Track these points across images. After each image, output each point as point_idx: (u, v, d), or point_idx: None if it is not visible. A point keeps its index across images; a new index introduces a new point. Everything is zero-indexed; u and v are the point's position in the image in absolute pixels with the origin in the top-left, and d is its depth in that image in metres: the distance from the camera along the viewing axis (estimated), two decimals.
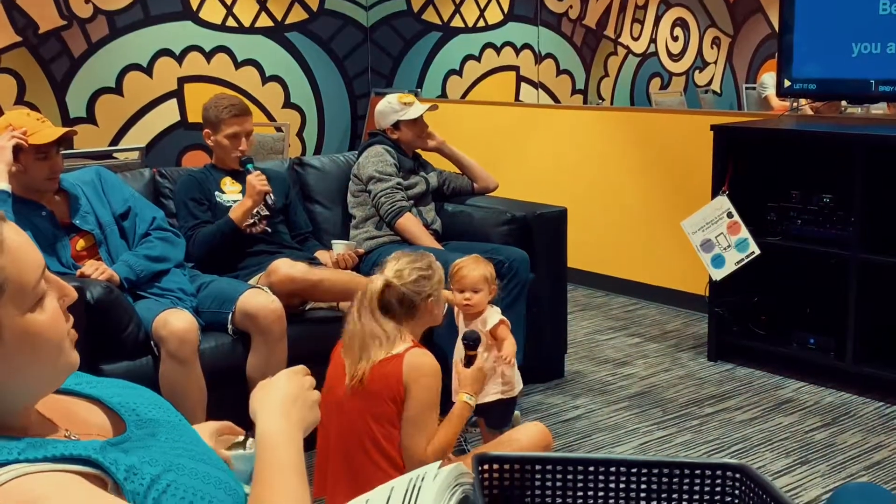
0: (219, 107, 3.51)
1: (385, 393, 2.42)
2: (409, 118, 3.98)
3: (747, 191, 4.05)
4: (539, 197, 4.29)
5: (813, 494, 2.92)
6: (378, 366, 2.43)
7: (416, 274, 2.53)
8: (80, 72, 6.18)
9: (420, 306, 2.52)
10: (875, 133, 3.83)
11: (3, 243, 1.07)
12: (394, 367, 2.42)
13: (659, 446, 3.30)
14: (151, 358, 2.93)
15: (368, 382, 2.43)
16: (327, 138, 7.43)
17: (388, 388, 2.41)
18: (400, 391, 2.41)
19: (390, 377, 2.41)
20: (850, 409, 3.63)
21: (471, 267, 2.97)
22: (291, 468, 1.22)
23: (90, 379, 1.35)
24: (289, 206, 3.70)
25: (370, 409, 2.44)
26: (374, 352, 2.45)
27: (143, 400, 1.34)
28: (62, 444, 1.09)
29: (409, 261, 2.56)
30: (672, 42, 9.46)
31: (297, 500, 1.18)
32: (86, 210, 3.11)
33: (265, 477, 1.20)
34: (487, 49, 8.20)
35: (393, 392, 2.41)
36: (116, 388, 1.35)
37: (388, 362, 2.42)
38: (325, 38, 7.25)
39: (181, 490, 1.15)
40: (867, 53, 3.92)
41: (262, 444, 1.25)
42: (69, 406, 1.26)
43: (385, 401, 2.42)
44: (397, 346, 2.45)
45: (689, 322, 4.79)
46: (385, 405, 2.42)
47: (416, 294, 2.50)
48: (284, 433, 1.25)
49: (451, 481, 1.36)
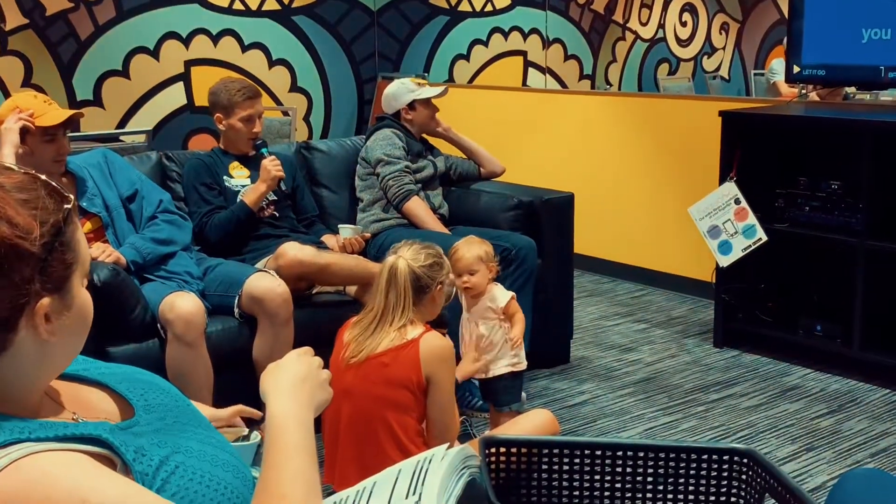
0: (230, 90, 3.51)
1: (402, 380, 2.42)
2: (425, 97, 4.00)
3: (755, 177, 4.03)
4: (546, 182, 4.28)
5: (819, 481, 2.93)
6: (393, 351, 2.43)
7: (431, 259, 2.57)
8: (87, 54, 6.17)
9: (430, 292, 2.55)
10: (884, 120, 3.81)
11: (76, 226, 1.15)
12: (411, 352, 2.42)
13: (664, 432, 3.31)
14: (158, 341, 2.94)
15: (383, 368, 2.43)
16: (334, 122, 7.42)
17: (405, 375, 2.42)
18: (419, 378, 2.42)
19: (406, 364, 2.42)
20: (856, 396, 3.63)
21: (464, 249, 2.99)
22: (301, 450, 1.21)
23: (98, 364, 1.35)
24: (296, 191, 3.70)
25: (387, 395, 2.43)
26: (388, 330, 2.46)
27: (151, 386, 1.35)
28: (72, 425, 1.11)
29: (421, 247, 2.60)
30: (680, 27, 9.41)
31: (306, 483, 1.18)
32: (93, 193, 3.11)
33: (274, 460, 1.20)
34: (495, 34, 8.16)
35: (410, 379, 2.42)
36: (124, 374, 1.35)
37: (403, 348, 2.43)
38: (332, 21, 7.22)
39: (189, 472, 1.15)
40: (877, 39, 3.90)
41: (271, 426, 1.25)
42: (77, 391, 1.27)
43: (401, 388, 2.42)
44: (410, 332, 2.47)
45: (696, 308, 4.78)
46: (401, 392, 2.43)
47: (430, 279, 2.54)
48: (294, 415, 1.25)
49: (459, 464, 1.36)
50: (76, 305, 1.15)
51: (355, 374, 2.46)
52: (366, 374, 2.45)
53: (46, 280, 1.09)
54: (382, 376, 2.43)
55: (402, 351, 2.43)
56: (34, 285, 1.08)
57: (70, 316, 1.14)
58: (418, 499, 1.22)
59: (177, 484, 1.13)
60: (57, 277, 1.11)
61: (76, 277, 1.15)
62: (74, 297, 1.15)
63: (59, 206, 1.11)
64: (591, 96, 5.96)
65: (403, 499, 1.24)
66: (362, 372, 2.45)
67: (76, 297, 1.15)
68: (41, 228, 1.08)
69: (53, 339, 1.12)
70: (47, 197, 1.11)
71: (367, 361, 2.45)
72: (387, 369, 2.43)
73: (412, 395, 2.43)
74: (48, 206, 1.10)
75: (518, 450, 1.58)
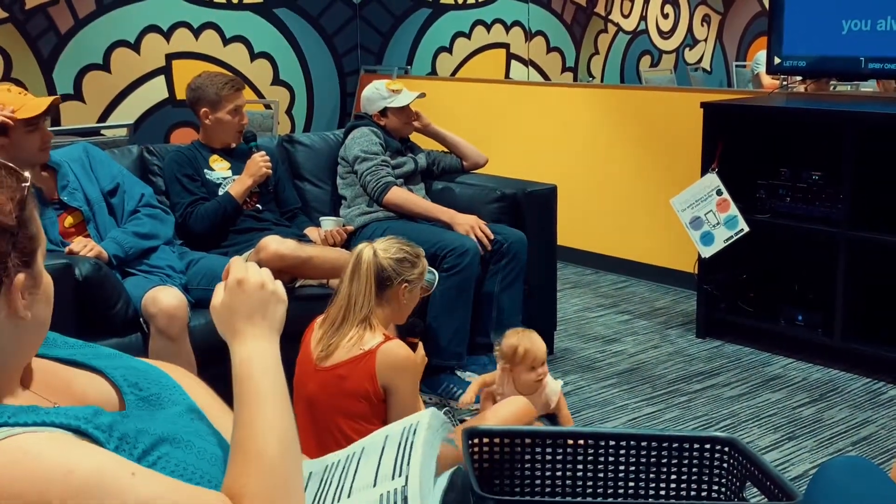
0: (217, 84, 3.50)
1: (358, 391, 2.39)
2: (397, 106, 3.95)
3: (736, 168, 4.05)
4: (529, 174, 4.28)
5: (801, 469, 2.95)
6: (350, 363, 2.40)
7: (402, 254, 2.52)
8: (67, 48, 6.13)
9: (393, 288, 2.50)
10: (864, 110, 3.83)
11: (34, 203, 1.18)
12: (367, 364, 2.39)
13: (647, 422, 3.32)
14: (141, 335, 2.93)
15: (340, 381, 2.40)
16: (316, 115, 7.39)
17: (362, 387, 2.39)
18: (375, 388, 2.38)
19: (362, 375, 2.38)
20: (837, 385, 3.65)
21: (529, 341, 2.84)
22: (266, 397, 1.18)
23: (99, 351, 1.34)
24: (278, 184, 3.69)
25: (342, 406, 2.42)
26: (348, 330, 2.43)
27: (146, 376, 1.33)
28: (53, 411, 1.11)
29: (398, 242, 2.57)
30: (662, 19, 9.44)
31: (278, 436, 1.15)
32: (74, 187, 3.10)
33: (242, 416, 1.17)
34: (477, 26, 8.16)
35: (366, 390, 2.39)
36: (119, 362, 1.34)
37: (359, 360, 2.40)
38: (313, 14, 7.20)
39: (172, 464, 1.14)
40: (857, 31, 3.92)
41: (234, 377, 1.21)
42: (69, 378, 1.26)
43: (358, 398, 2.40)
44: (368, 339, 2.42)
45: (678, 299, 4.80)
46: (357, 403, 2.40)
47: (395, 273, 2.49)
48: (256, 357, 1.21)
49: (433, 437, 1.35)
50: (44, 282, 1.18)
51: (315, 382, 2.45)
52: (324, 384, 2.44)
53: (19, 254, 1.12)
54: (339, 388, 2.41)
55: (359, 363, 2.40)
56: (11, 260, 1.11)
57: (39, 293, 1.16)
58: (405, 482, 1.22)
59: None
60: (27, 251, 1.13)
61: (40, 253, 1.17)
62: (41, 272, 1.17)
63: (18, 184, 1.14)
64: (573, 88, 5.97)
65: (390, 478, 1.24)
66: (321, 381, 2.44)
67: (42, 274, 1.18)
68: (11, 203, 1.11)
69: (29, 316, 1.13)
70: (7, 176, 1.14)
71: (326, 371, 2.43)
72: (344, 382, 2.41)
73: (369, 405, 2.40)
74: (11, 184, 1.13)
75: (501, 440, 1.58)
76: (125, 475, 1.04)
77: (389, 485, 1.22)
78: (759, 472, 1.44)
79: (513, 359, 2.83)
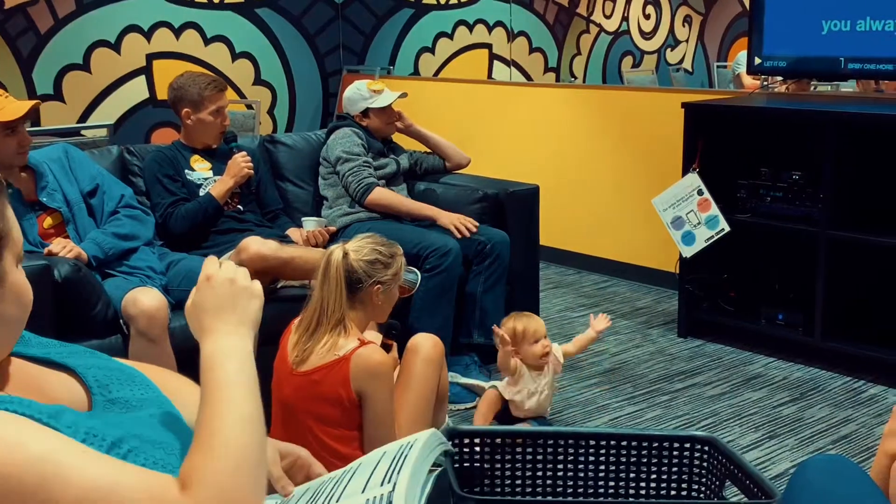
0: (199, 84, 3.48)
1: (332, 396, 2.37)
2: (378, 106, 3.95)
3: (717, 168, 4.07)
4: (511, 175, 4.29)
5: (782, 468, 2.96)
6: (325, 368, 2.38)
7: (374, 255, 2.48)
8: (46, 48, 6.09)
9: (365, 289, 2.47)
10: (844, 111, 3.85)
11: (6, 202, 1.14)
12: (341, 369, 2.37)
13: (629, 421, 3.33)
14: (121, 337, 2.91)
15: (314, 386, 2.39)
16: (298, 116, 7.37)
17: (336, 392, 2.37)
18: (350, 395, 2.36)
19: (337, 381, 2.36)
20: (818, 384, 3.67)
21: (533, 319, 3.15)
22: (228, 385, 1.14)
23: (73, 349, 1.33)
24: (259, 184, 3.68)
25: (316, 411, 2.40)
26: (322, 335, 2.41)
27: (119, 375, 1.32)
28: (17, 400, 1.08)
29: (373, 241, 2.53)
30: (644, 20, 9.47)
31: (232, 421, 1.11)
32: (53, 187, 3.07)
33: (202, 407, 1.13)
34: (460, 26, 8.16)
35: (340, 396, 2.37)
36: (94, 361, 1.32)
37: (334, 366, 2.38)
38: (295, 14, 7.18)
39: (142, 457, 1.13)
40: (837, 31, 3.94)
41: (200, 371, 1.18)
42: (41, 377, 1.25)
43: (332, 404, 2.38)
44: (342, 344, 2.40)
45: (660, 299, 4.82)
46: (331, 408, 2.39)
47: (366, 275, 2.45)
48: (218, 352, 1.18)
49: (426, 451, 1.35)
50: (10, 280, 1.13)
51: (290, 386, 2.44)
52: (299, 388, 2.42)
53: None
54: (313, 393, 2.39)
55: (333, 369, 2.37)
56: None
57: (4, 291, 1.12)
58: (392, 488, 1.22)
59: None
60: None
61: (8, 251, 1.13)
62: (7, 272, 1.13)
63: None
64: (555, 89, 5.98)
65: (379, 485, 1.24)
66: (296, 385, 2.43)
67: (8, 274, 1.13)
68: None
69: None
70: None
71: (301, 376, 2.42)
72: (317, 387, 2.39)
73: (342, 411, 2.38)
74: None
75: (482, 440, 1.58)
76: (76, 451, 1.02)
77: (377, 490, 1.22)
78: (739, 471, 1.45)
79: (515, 338, 3.06)
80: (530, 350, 3.10)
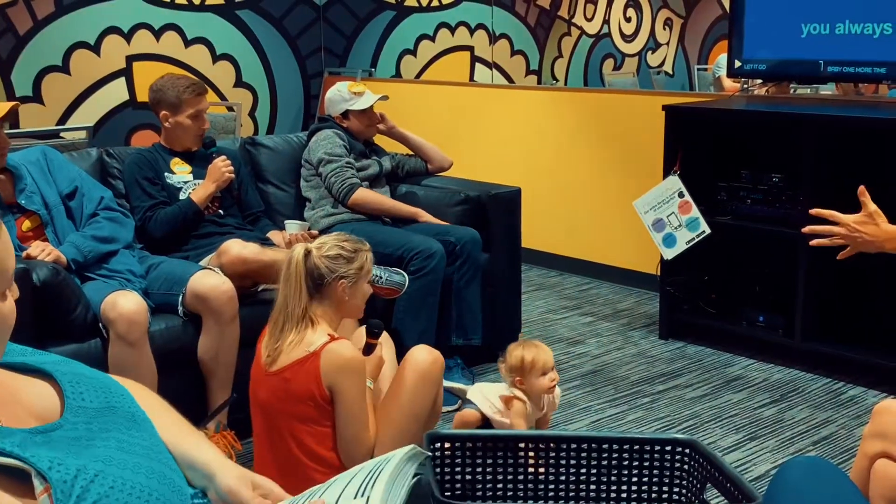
0: (178, 87, 3.46)
1: (304, 394, 2.36)
2: (359, 108, 3.94)
3: (698, 170, 4.08)
4: (493, 177, 4.29)
5: (762, 469, 2.97)
6: (295, 365, 2.37)
7: (336, 251, 2.47)
8: (25, 50, 6.04)
9: (329, 285, 2.45)
10: (823, 113, 3.87)
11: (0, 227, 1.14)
12: (311, 365, 2.35)
13: (611, 423, 3.33)
14: (100, 340, 2.89)
15: (286, 384, 2.38)
16: (280, 118, 7.35)
17: (307, 389, 2.36)
18: (321, 391, 2.35)
19: (308, 377, 2.35)
20: (798, 386, 3.69)
21: (542, 349, 2.93)
22: None
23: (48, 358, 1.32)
24: (240, 187, 3.66)
25: (290, 410, 2.39)
26: (288, 333, 2.40)
27: (93, 384, 1.31)
28: None
29: (338, 238, 2.52)
30: (625, 23, 9.49)
31: None
32: (31, 190, 3.05)
33: None
34: (442, 29, 8.16)
35: (312, 392, 2.36)
36: (67, 368, 1.31)
37: (304, 362, 2.37)
38: (276, 16, 7.16)
39: (109, 479, 1.13)
40: (816, 34, 3.96)
41: None
42: (16, 386, 1.23)
43: (304, 401, 2.37)
44: (311, 339, 2.38)
45: (641, 301, 4.83)
46: (304, 406, 2.37)
47: (328, 270, 2.44)
48: None
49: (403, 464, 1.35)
50: None
51: (265, 388, 2.43)
52: (273, 389, 2.42)
53: None
54: (285, 391, 2.38)
55: (303, 365, 2.36)
56: None
57: None
58: (366, 501, 1.21)
59: (97, 492, 1.11)
60: None
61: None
62: None
63: None
64: (537, 91, 5.99)
65: (352, 499, 1.23)
66: (270, 386, 2.42)
67: None
68: None
69: None
70: None
71: (274, 376, 2.41)
72: (289, 384, 2.38)
73: (315, 408, 2.37)
74: None
75: (462, 444, 1.58)
76: None
77: (352, 503, 1.22)
78: (719, 473, 1.45)
79: (522, 369, 2.87)
80: (537, 383, 2.89)
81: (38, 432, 1.15)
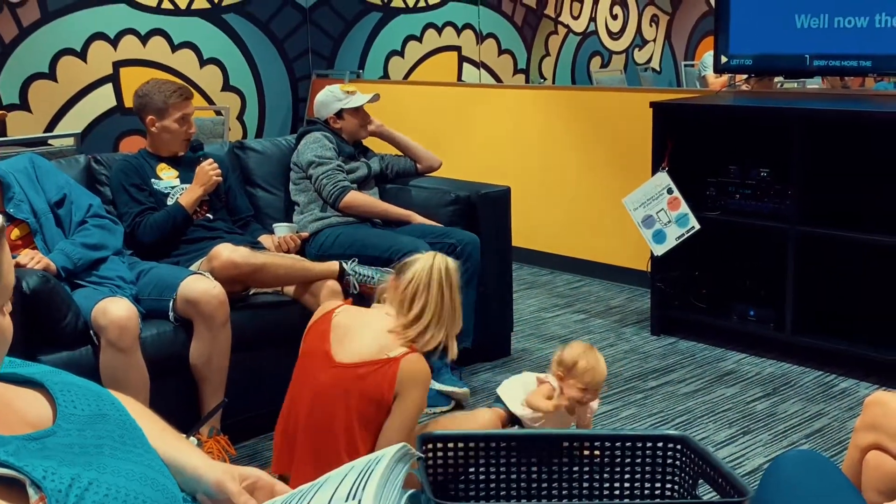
0: (164, 92, 3.45)
1: (374, 394, 2.39)
2: (353, 107, 3.95)
3: (687, 166, 4.09)
4: (483, 176, 4.29)
5: (756, 463, 2.98)
6: (372, 364, 2.41)
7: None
8: (11, 57, 6.03)
9: None
10: (810, 107, 3.89)
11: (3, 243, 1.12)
12: (389, 370, 2.39)
13: (604, 420, 3.34)
14: (91, 348, 2.88)
15: (359, 380, 2.40)
16: (268, 121, 7.35)
17: (379, 391, 2.39)
18: (389, 396, 2.39)
19: (384, 380, 2.39)
20: (789, 379, 3.70)
21: (598, 370, 2.69)
22: None
23: (38, 369, 1.32)
24: (229, 191, 3.65)
25: (357, 407, 2.40)
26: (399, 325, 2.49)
27: (85, 394, 1.31)
28: None
29: None
30: (611, 20, 9.51)
31: None
32: (19, 198, 3.03)
33: None
34: (429, 29, 8.16)
35: (382, 395, 2.39)
36: (58, 378, 1.31)
37: (383, 364, 2.41)
38: (263, 19, 7.16)
39: (104, 488, 1.13)
40: (801, 29, 3.98)
41: None
42: (8, 396, 1.23)
43: (371, 402, 2.40)
44: (385, 343, 2.44)
45: (633, 297, 4.84)
46: (369, 406, 2.40)
47: None
48: None
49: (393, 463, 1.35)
50: None
51: (329, 377, 2.43)
52: (339, 381, 2.41)
53: None
54: (357, 388, 2.40)
55: (382, 367, 2.40)
56: None
57: None
58: (357, 503, 1.21)
59: (91, 500, 1.11)
60: None
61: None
62: None
63: None
64: (525, 90, 6.00)
65: (343, 501, 1.23)
66: (336, 377, 2.42)
67: None
68: None
69: None
70: None
71: (344, 368, 2.42)
72: (362, 382, 2.39)
73: (377, 411, 2.40)
74: None
75: (455, 444, 1.58)
76: None
77: None
78: (711, 468, 1.46)
79: (571, 370, 2.67)
80: (573, 392, 2.65)
81: (32, 439, 1.15)
